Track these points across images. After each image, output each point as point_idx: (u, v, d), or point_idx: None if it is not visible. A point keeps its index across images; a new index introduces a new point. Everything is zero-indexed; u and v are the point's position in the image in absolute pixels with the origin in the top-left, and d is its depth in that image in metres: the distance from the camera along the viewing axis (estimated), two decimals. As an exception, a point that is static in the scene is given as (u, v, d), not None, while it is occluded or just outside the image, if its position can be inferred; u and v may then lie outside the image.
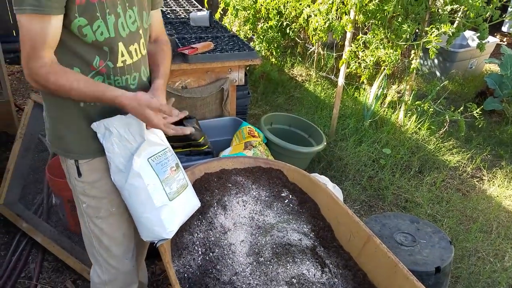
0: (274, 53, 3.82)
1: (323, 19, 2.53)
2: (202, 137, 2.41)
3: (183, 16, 3.26)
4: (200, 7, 3.61)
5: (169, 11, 3.45)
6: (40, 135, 2.72)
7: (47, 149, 2.93)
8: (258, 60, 2.57)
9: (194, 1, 3.85)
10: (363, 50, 2.61)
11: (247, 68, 2.66)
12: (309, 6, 2.78)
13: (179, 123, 2.41)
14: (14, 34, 4.51)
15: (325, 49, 4.40)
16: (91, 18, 1.04)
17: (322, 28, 2.57)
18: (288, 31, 3.29)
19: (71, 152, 1.22)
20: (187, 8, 3.54)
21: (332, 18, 2.51)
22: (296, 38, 4.33)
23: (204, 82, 2.58)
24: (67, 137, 1.20)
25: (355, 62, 2.66)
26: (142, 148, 1.17)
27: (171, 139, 2.27)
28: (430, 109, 3.14)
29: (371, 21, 2.56)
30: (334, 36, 2.60)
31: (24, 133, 2.39)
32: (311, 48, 4.45)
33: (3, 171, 2.36)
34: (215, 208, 1.39)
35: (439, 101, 3.37)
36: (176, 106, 2.61)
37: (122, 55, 1.14)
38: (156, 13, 1.34)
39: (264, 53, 4.08)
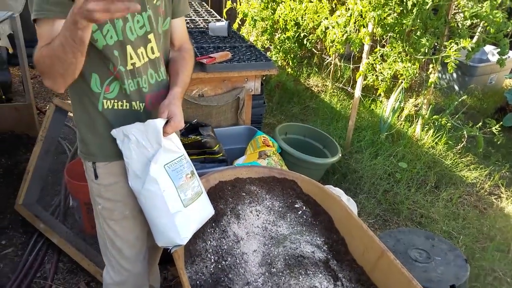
0: (290, 63, 3.85)
1: (341, 31, 2.54)
2: (217, 145, 2.45)
3: (202, 26, 3.32)
4: (219, 18, 3.66)
5: (188, 21, 3.51)
6: (59, 138, 2.78)
7: (65, 151, 3.00)
8: (274, 70, 2.59)
9: (213, 12, 3.91)
10: (381, 63, 2.61)
11: (263, 77, 2.68)
12: (327, 18, 2.79)
13: (195, 130, 2.45)
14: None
15: (342, 60, 4.40)
16: (100, 24, 1.07)
17: (340, 40, 2.57)
18: (305, 42, 3.30)
19: (89, 154, 1.26)
20: (206, 18, 3.60)
21: (350, 31, 2.51)
22: (313, 49, 4.34)
23: (220, 90, 2.61)
24: (87, 139, 1.25)
25: (372, 74, 2.65)
26: (159, 155, 1.19)
27: (186, 145, 2.30)
28: (448, 124, 3.10)
29: (389, 34, 2.55)
30: (351, 48, 2.60)
31: (45, 136, 2.45)
32: (327, 59, 4.46)
33: (23, 172, 2.43)
34: (229, 217, 1.40)
35: (457, 116, 3.32)
36: (192, 114, 2.66)
37: (131, 58, 1.17)
38: (179, 21, 1.35)
39: (281, 63, 4.11)
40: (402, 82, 2.67)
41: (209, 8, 4.10)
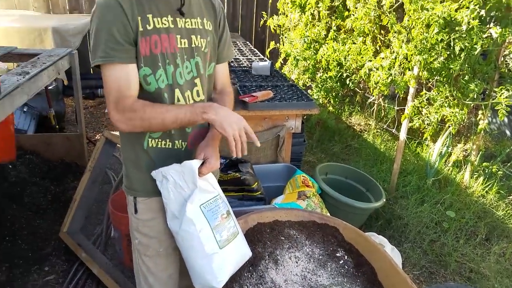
0: (332, 101, 3.84)
1: (385, 73, 2.51)
2: (256, 183, 2.44)
3: (246, 65, 3.41)
4: (262, 57, 3.76)
5: (233, 59, 3.62)
6: (106, 168, 2.89)
7: (110, 181, 3.11)
8: (316, 110, 2.59)
9: (256, 51, 4.03)
10: (427, 107, 2.54)
11: (304, 116, 2.68)
12: (370, 60, 2.78)
13: (234, 166, 2.46)
14: (92, 73, 4.98)
15: (386, 100, 4.34)
16: (154, 68, 1.15)
17: (384, 82, 2.54)
18: (347, 82, 3.30)
19: (132, 189, 1.31)
20: (250, 57, 3.71)
21: (394, 73, 2.48)
22: (356, 88, 4.33)
23: (261, 128, 2.63)
24: (131, 175, 1.30)
25: (418, 118, 2.58)
26: (195, 195, 1.20)
27: (225, 182, 2.32)
28: (499, 172, 2.92)
29: (436, 78, 2.49)
30: (396, 91, 2.56)
31: (94, 167, 2.55)
32: (371, 98, 4.41)
33: (70, 199, 2.52)
34: (267, 262, 1.36)
35: (509, 164, 3.13)
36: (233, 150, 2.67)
37: (178, 100, 1.22)
38: (223, 67, 1.41)
39: (322, 101, 4.11)
40: (449, 126, 2.57)
41: (252, 48, 4.23)
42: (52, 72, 2.42)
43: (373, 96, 4.27)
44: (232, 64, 3.46)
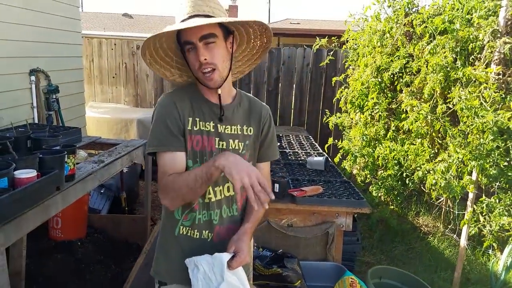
0: (394, 200, 3.71)
1: (440, 177, 2.44)
2: (299, 281, 2.38)
3: (303, 158, 3.54)
4: (321, 151, 3.87)
5: (291, 152, 3.79)
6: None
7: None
8: (366, 209, 2.55)
9: (317, 145, 4.17)
10: (486, 214, 2.36)
11: (355, 214, 2.64)
12: (425, 162, 2.74)
13: (279, 261, 2.45)
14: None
15: (456, 202, 4.06)
16: (194, 161, 1.31)
17: (439, 186, 2.46)
18: (407, 181, 3.22)
19: (158, 273, 1.41)
20: (309, 151, 3.84)
21: (448, 178, 2.40)
22: (422, 187, 4.16)
23: (310, 223, 2.64)
24: (159, 259, 1.41)
25: (475, 226, 2.39)
26: None
27: (265, 277, 2.30)
28: None
29: (496, 184, 2.35)
30: (450, 195, 2.44)
31: (149, 250, 2.72)
32: (440, 198, 4.17)
33: (125, 279, 2.66)
34: None
35: None
36: (280, 243, 2.69)
37: (209, 193, 1.34)
38: (264, 165, 1.52)
39: (384, 198, 3.99)
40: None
41: (313, 142, 4.39)
42: (125, 161, 2.77)
43: (443, 197, 4.05)
44: (290, 158, 3.62)
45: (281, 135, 4.74)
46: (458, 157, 2.34)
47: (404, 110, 3.00)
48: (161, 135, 1.28)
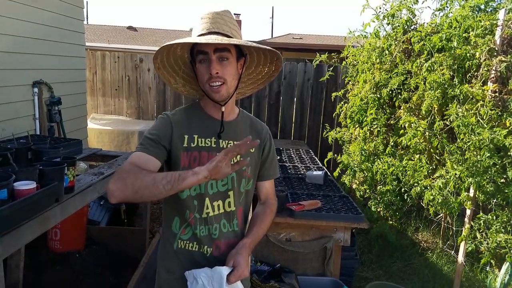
0: (393, 215, 3.71)
1: (437, 193, 2.46)
2: (296, 297, 2.36)
3: (302, 173, 3.54)
4: (321, 165, 3.88)
5: (291, 166, 3.80)
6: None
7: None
8: (365, 225, 2.55)
9: (316, 160, 4.18)
10: (484, 231, 2.37)
11: (353, 229, 2.65)
12: (422, 178, 2.75)
13: (277, 275, 2.44)
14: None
15: (454, 218, 4.06)
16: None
17: (437, 202, 2.47)
18: (406, 197, 3.23)
19: (158, 286, 1.41)
20: (308, 165, 3.85)
21: (446, 194, 2.41)
22: (421, 202, 4.16)
23: (308, 237, 2.63)
24: (160, 273, 1.41)
25: (472, 243, 2.39)
26: None
27: (265, 291, 2.28)
28: None
29: (493, 201, 2.36)
30: (447, 211, 2.45)
31: (146, 262, 2.71)
32: (439, 214, 4.16)
33: (122, 292, 2.66)
34: None
35: None
36: (278, 257, 2.69)
37: (207, 208, 1.34)
38: (268, 183, 1.53)
39: (383, 214, 3.99)
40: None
41: (313, 156, 4.40)
42: (125, 173, 2.78)
43: (441, 213, 4.04)
44: (289, 171, 3.63)
45: (281, 148, 4.76)
46: (456, 174, 2.36)
47: (403, 126, 3.02)
48: (145, 140, 1.29)
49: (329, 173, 3.57)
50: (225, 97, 1.31)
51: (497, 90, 2.47)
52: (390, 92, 3.26)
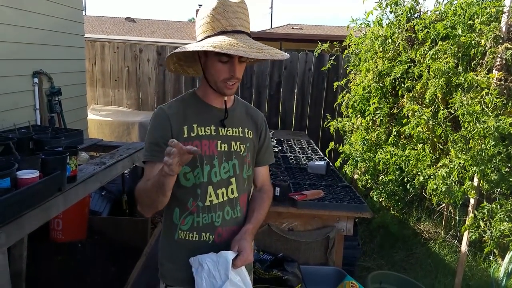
0: (395, 205, 3.71)
1: (441, 182, 2.44)
2: (299, 285, 2.37)
3: (304, 163, 3.53)
4: (323, 156, 3.87)
5: (292, 157, 3.79)
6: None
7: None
8: (368, 214, 2.54)
9: (318, 150, 4.17)
10: (488, 220, 2.36)
11: (356, 219, 2.64)
12: (426, 168, 2.74)
13: (280, 264, 2.45)
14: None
15: (457, 208, 4.06)
16: (193, 167, 1.32)
17: (441, 191, 2.46)
18: (408, 187, 3.21)
19: (163, 277, 1.42)
20: (310, 156, 3.84)
21: (450, 183, 2.40)
22: (423, 193, 4.15)
23: (310, 227, 2.63)
24: (164, 263, 1.42)
25: (475, 231, 2.39)
26: (225, 287, 1.25)
27: (266, 280, 2.29)
28: None
29: (498, 190, 2.35)
30: (451, 201, 2.44)
31: (149, 252, 2.72)
32: (441, 204, 4.16)
33: (125, 281, 2.66)
34: None
35: None
36: (281, 247, 2.69)
37: (210, 196, 1.35)
38: (263, 169, 1.56)
39: (384, 204, 3.98)
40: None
41: (315, 147, 4.39)
42: (127, 163, 2.77)
43: (444, 202, 4.04)
44: (291, 162, 3.62)
45: (282, 139, 4.74)
46: (460, 163, 2.34)
47: (406, 115, 3.00)
48: (149, 146, 1.33)
49: (331, 163, 3.56)
50: (234, 92, 1.36)
51: (502, 78, 2.44)
52: (393, 81, 3.23)
